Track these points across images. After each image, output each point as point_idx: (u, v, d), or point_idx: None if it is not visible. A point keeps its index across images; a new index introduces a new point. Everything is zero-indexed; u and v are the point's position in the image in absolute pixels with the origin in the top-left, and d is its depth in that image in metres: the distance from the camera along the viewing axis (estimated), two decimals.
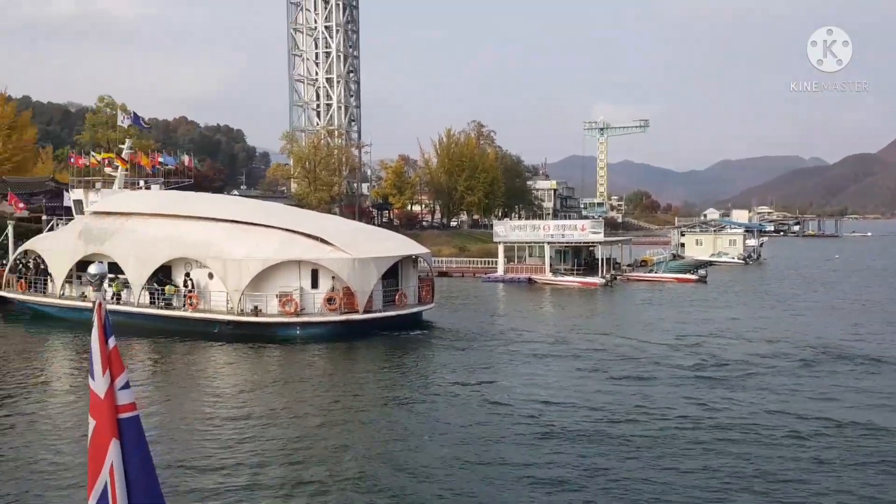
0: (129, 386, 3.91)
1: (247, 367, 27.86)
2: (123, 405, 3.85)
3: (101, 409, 3.84)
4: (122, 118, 49.40)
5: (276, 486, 14.84)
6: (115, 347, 3.89)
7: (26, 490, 14.77)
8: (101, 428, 3.83)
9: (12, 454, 17.04)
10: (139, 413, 3.92)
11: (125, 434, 3.81)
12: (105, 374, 3.84)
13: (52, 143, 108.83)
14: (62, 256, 37.90)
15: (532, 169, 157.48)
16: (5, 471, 15.87)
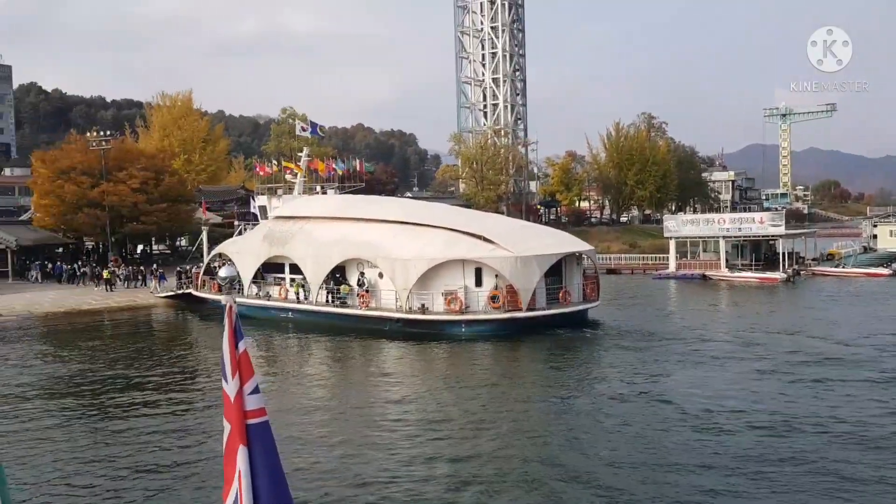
0: (258, 391, 3.83)
1: (416, 364, 28.72)
2: (252, 410, 3.78)
3: (232, 414, 3.79)
4: (300, 128, 52.54)
5: (443, 483, 15.04)
6: (244, 351, 3.83)
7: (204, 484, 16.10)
8: (233, 432, 3.79)
9: (196, 450, 18.60)
10: (268, 419, 3.84)
11: (253, 440, 3.74)
12: (235, 378, 3.79)
13: (244, 153, 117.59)
14: (249, 259, 40.86)
15: (707, 160, 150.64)
16: (197, 461, 17.36)
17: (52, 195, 57.12)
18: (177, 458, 17.03)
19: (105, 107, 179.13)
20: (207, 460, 16.50)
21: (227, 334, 3.82)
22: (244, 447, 3.73)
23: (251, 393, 3.80)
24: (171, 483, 15.49)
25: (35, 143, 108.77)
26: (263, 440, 3.76)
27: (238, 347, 3.82)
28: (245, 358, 3.81)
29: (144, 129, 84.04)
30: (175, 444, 18.19)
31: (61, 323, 40.32)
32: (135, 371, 27.24)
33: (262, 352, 32.32)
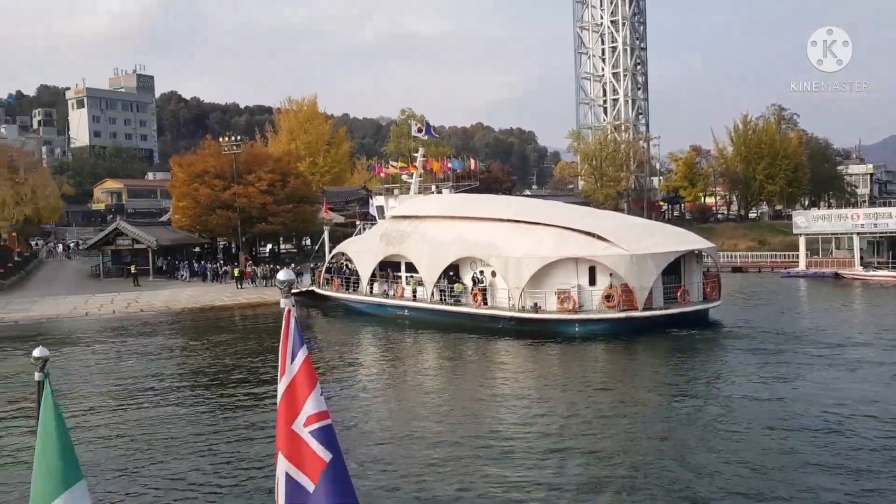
0: (321, 395, 3.80)
1: (529, 363, 28.59)
2: (321, 413, 3.76)
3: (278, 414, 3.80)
4: (415, 129, 53.52)
5: (571, 486, 14.93)
6: (308, 356, 3.78)
7: None
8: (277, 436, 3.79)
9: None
10: (330, 423, 3.79)
11: (325, 443, 3.71)
12: (282, 380, 3.78)
13: (366, 154, 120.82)
14: (367, 257, 42.05)
15: (843, 153, 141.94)
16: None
17: (188, 198, 60.77)
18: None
19: (239, 113, 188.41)
20: None
21: (283, 338, 3.79)
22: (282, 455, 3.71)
23: (313, 398, 3.75)
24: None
25: (175, 149, 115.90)
26: (325, 443, 3.71)
27: (298, 354, 3.77)
28: (307, 363, 3.78)
29: (273, 134, 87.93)
30: None
31: (195, 318, 42.86)
32: (258, 364, 28.64)
33: (380, 349, 33.32)
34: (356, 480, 14.94)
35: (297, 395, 3.74)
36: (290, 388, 3.75)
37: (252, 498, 14.64)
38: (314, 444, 3.68)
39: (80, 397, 23.87)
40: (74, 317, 42.75)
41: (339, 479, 3.70)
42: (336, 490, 3.67)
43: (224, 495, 14.93)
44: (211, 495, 14.93)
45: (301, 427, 3.71)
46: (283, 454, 3.70)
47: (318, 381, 3.78)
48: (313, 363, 3.80)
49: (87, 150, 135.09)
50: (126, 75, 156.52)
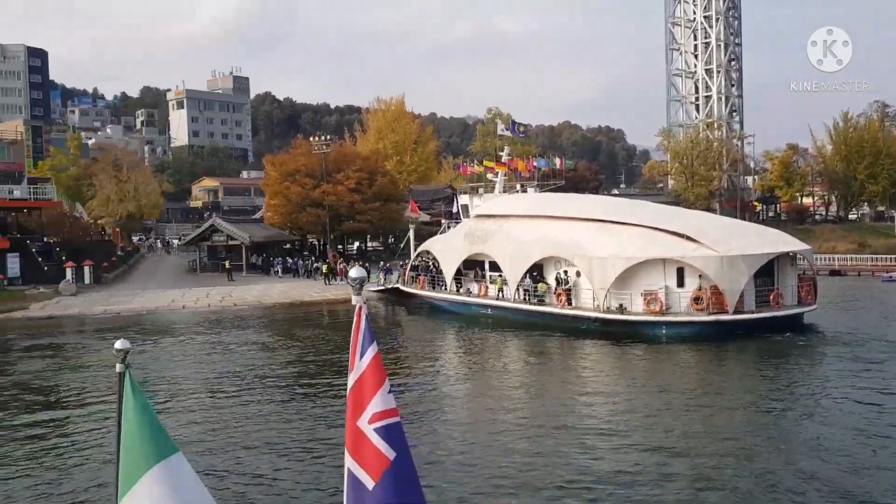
0: (388, 392, 3.77)
1: (614, 365, 28.23)
2: (387, 410, 3.73)
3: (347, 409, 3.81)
4: (500, 128, 53.53)
5: (669, 490, 14.76)
6: (377, 354, 3.77)
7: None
8: (360, 434, 3.77)
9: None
10: (398, 421, 3.78)
11: (391, 441, 3.68)
12: (351, 374, 3.78)
13: (453, 153, 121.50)
14: (451, 256, 42.34)
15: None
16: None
17: (280, 196, 62.62)
18: None
19: (329, 113, 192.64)
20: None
21: (354, 335, 3.79)
22: (347, 452, 3.73)
23: (382, 394, 3.72)
24: None
25: (269, 149, 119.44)
26: (394, 440, 3.69)
27: (368, 351, 3.76)
28: (376, 360, 3.75)
29: (361, 133, 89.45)
30: None
31: (285, 313, 44.09)
32: (344, 359, 29.26)
33: (463, 346, 33.54)
34: (438, 472, 15.21)
35: (364, 392, 3.72)
36: (358, 384, 3.73)
37: (329, 493, 15.03)
38: (378, 442, 3.65)
39: (174, 385, 24.97)
40: (173, 310, 44.64)
41: (403, 479, 3.65)
42: (398, 489, 3.62)
43: (303, 488, 15.37)
44: (289, 485, 15.39)
45: (366, 424, 3.68)
46: (347, 450, 3.70)
47: (387, 378, 3.75)
48: (383, 361, 3.80)
49: (186, 150, 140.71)
50: (223, 77, 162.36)
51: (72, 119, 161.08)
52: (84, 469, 16.70)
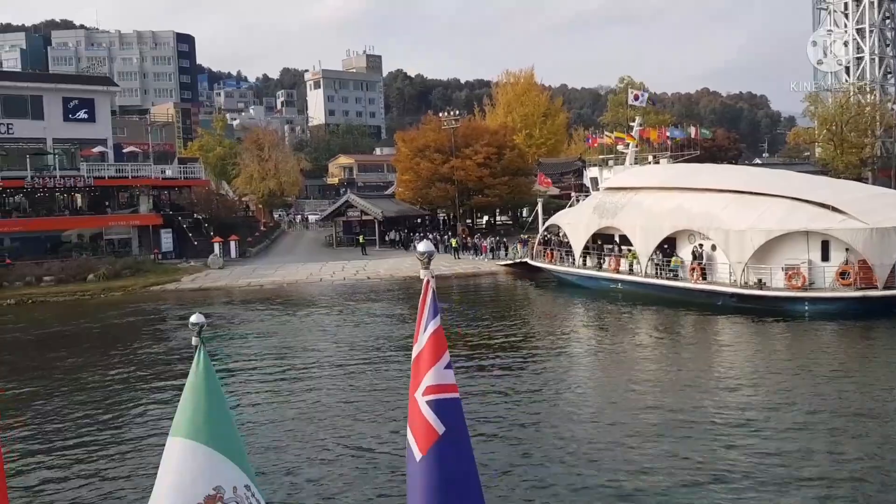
0: (451, 367, 3.76)
1: (753, 344, 27.02)
2: (442, 385, 3.71)
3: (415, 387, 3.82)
4: (632, 97, 52.09)
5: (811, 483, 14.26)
6: (439, 327, 3.77)
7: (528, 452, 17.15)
8: (415, 405, 3.79)
9: (535, 409, 19.86)
10: (455, 396, 3.75)
11: (442, 416, 3.67)
12: (415, 345, 3.79)
13: (583, 125, 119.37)
14: (579, 230, 41.83)
15: None
16: (531, 422, 18.62)
17: (410, 171, 63.82)
18: (506, 415, 18.44)
19: (459, 88, 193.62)
20: (542, 419, 17.60)
21: (420, 308, 3.78)
22: (408, 420, 3.78)
23: (444, 368, 3.72)
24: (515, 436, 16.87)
25: (401, 125, 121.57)
26: (453, 416, 3.68)
27: (430, 325, 3.76)
28: (439, 333, 3.75)
29: (490, 107, 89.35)
30: (519, 402, 19.67)
31: (416, 286, 45.01)
32: (470, 332, 29.65)
33: (591, 321, 33.22)
34: (561, 445, 15.18)
35: (422, 365, 3.73)
36: (418, 357, 3.76)
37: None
38: (429, 415, 3.64)
39: (315, 353, 26.17)
40: (311, 282, 46.63)
41: (451, 455, 3.62)
42: (444, 465, 3.59)
43: None
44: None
45: (420, 396, 3.69)
46: (408, 419, 3.76)
47: (447, 353, 3.74)
48: (445, 335, 3.79)
49: (323, 128, 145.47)
50: (357, 56, 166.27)
51: (217, 101, 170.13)
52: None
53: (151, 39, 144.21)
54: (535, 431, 17.18)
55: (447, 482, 3.58)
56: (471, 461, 3.70)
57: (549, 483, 14.09)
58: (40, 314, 38.24)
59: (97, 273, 46.80)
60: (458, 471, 3.62)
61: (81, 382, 23.63)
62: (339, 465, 15.27)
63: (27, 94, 55.93)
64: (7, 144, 53.68)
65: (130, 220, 55.68)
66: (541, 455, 15.53)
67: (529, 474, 14.51)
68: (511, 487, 14.02)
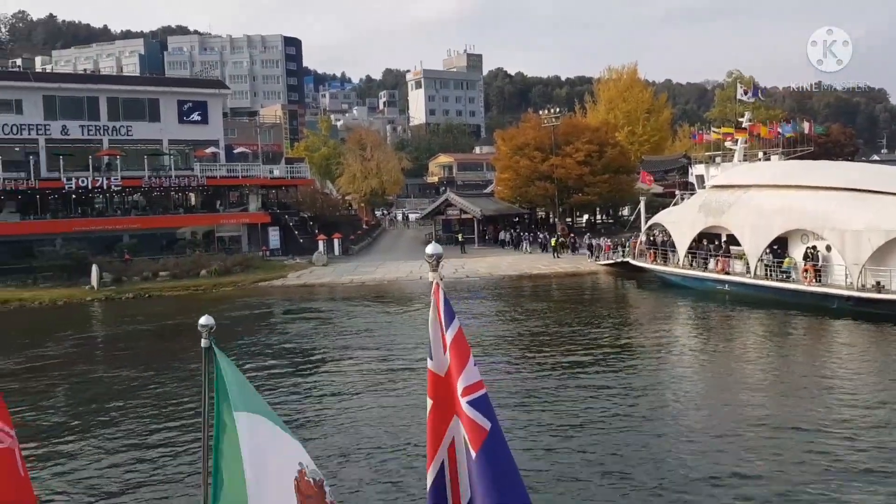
0: (474, 365, 3.83)
1: (870, 351, 25.45)
2: (475, 384, 3.78)
3: (437, 390, 3.87)
4: (741, 92, 50.22)
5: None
6: (459, 330, 3.84)
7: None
8: (438, 406, 3.87)
9: (635, 411, 19.50)
10: (485, 392, 3.81)
11: (484, 412, 3.75)
12: (445, 355, 3.84)
13: (689, 121, 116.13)
14: (684, 229, 40.69)
15: None
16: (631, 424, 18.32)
17: (510, 169, 63.73)
18: (620, 411, 18.20)
19: (560, 85, 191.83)
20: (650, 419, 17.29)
21: (434, 312, 3.85)
22: (457, 419, 3.80)
23: (467, 369, 3.79)
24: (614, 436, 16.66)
25: (500, 123, 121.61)
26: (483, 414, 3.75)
27: (449, 325, 3.83)
28: (459, 335, 3.81)
29: (592, 104, 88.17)
30: (617, 400, 19.40)
31: (514, 285, 44.98)
32: (572, 332, 29.35)
33: (696, 323, 32.28)
34: (681, 447, 14.81)
35: (454, 367, 3.79)
36: (449, 359, 3.82)
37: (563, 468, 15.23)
38: (473, 415, 3.71)
39: (414, 350, 26.52)
40: (411, 280, 47.22)
41: (499, 448, 3.72)
42: (495, 459, 3.70)
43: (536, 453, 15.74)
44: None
45: (459, 398, 3.76)
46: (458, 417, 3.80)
47: (471, 352, 3.82)
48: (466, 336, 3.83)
49: (424, 127, 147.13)
50: (457, 55, 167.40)
51: (322, 102, 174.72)
52: (343, 425, 18.36)
53: (261, 43, 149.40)
54: (639, 433, 16.85)
55: (500, 475, 3.68)
56: (509, 451, 3.82)
57: (660, 486, 13.82)
58: (157, 308, 40.26)
59: (209, 269, 48.86)
60: (507, 460, 3.75)
61: (193, 370, 24.80)
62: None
63: (145, 97, 59.02)
64: (127, 146, 56.73)
65: (240, 219, 57.93)
66: (653, 454, 15.25)
67: (646, 476, 14.28)
68: (623, 492, 13.83)
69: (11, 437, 4.42)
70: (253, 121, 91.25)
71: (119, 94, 58.30)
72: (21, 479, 4.47)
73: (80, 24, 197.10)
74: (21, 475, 4.47)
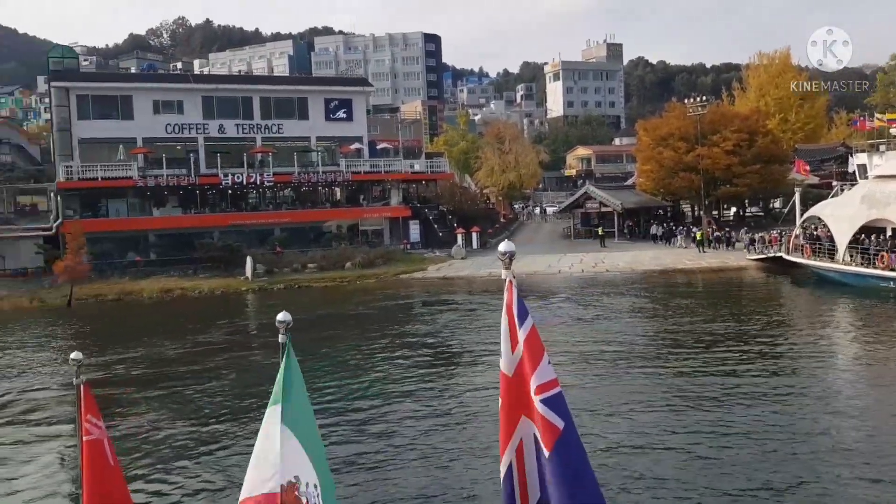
0: (550, 363, 3.78)
1: None
2: (549, 382, 3.74)
3: (507, 388, 3.84)
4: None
5: None
6: (532, 327, 3.78)
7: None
8: (507, 407, 3.84)
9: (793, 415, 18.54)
10: (560, 390, 3.73)
11: (557, 411, 3.70)
12: (514, 353, 3.80)
13: (846, 107, 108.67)
14: (844, 222, 38.14)
15: None
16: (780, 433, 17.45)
17: (652, 161, 61.96)
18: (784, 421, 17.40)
19: (704, 73, 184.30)
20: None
21: (506, 310, 3.81)
22: (526, 419, 3.76)
23: (540, 368, 3.75)
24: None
25: (641, 114, 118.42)
26: (556, 413, 3.71)
27: (522, 323, 3.79)
28: (532, 334, 3.77)
29: (741, 91, 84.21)
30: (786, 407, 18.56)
31: (656, 280, 43.73)
32: (720, 330, 28.18)
33: (857, 325, 30.16)
34: (836, 470, 14.06)
35: (527, 365, 3.76)
36: (522, 358, 3.79)
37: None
38: (547, 413, 3.69)
39: (559, 349, 26.35)
40: (549, 274, 46.93)
41: (574, 447, 3.70)
42: (570, 458, 3.68)
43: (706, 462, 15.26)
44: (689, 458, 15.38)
45: (532, 395, 3.74)
46: (526, 417, 3.79)
47: (545, 350, 3.78)
48: (539, 333, 3.78)
49: (561, 120, 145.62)
50: (597, 46, 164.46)
51: (460, 97, 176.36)
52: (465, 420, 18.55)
53: (402, 41, 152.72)
54: (790, 448, 15.98)
55: (573, 475, 3.67)
56: (584, 450, 3.78)
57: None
58: (305, 298, 42.10)
59: (353, 262, 50.56)
60: (581, 462, 3.72)
61: (346, 359, 25.76)
62: None
63: (295, 96, 61.73)
64: (278, 143, 59.56)
65: (383, 213, 59.53)
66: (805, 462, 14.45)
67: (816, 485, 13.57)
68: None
69: (100, 428, 4.57)
70: (394, 117, 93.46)
71: (271, 93, 61.34)
72: (111, 468, 4.59)
73: (233, 28, 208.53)
74: (111, 465, 4.58)
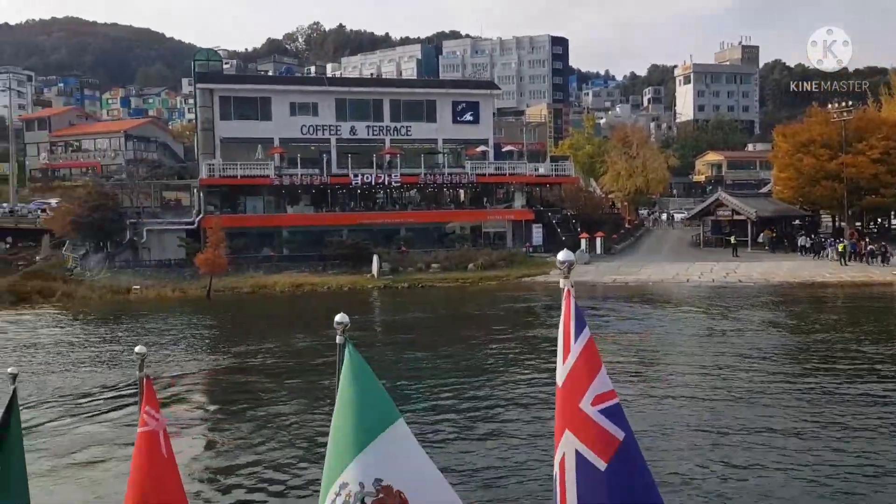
0: (606, 375, 3.73)
1: None
2: (607, 392, 3.68)
3: (557, 400, 3.78)
4: None
5: None
6: (590, 338, 3.74)
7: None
8: (557, 418, 3.78)
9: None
10: (618, 401, 3.67)
11: (616, 421, 3.65)
12: (565, 364, 3.74)
13: None
14: None
15: None
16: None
17: (790, 168, 59.11)
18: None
19: (847, 77, 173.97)
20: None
21: (563, 319, 3.77)
22: (569, 433, 3.71)
23: (595, 381, 3.70)
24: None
25: (776, 119, 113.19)
26: (611, 424, 3.67)
27: (579, 334, 3.73)
28: (589, 345, 3.73)
29: (888, 96, 79.11)
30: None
31: (792, 293, 41.66)
32: (863, 348, 26.57)
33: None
34: None
35: (583, 376, 3.71)
36: (575, 369, 3.73)
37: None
38: (605, 424, 3.66)
39: (680, 356, 25.61)
40: (677, 282, 45.68)
41: (633, 458, 3.66)
42: (629, 469, 3.65)
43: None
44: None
45: (589, 406, 3.68)
46: (570, 432, 3.72)
47: (602, 362, 3.75)
48: (596, 344, 3.73)
49: (691, 124, 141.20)
50: (731, 48, 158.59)
51: (585, 101, 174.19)
52: None
53: (528, 44, 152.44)
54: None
55: (634, 486, 3.64)
56: (645, 462, 3.73)
57: None
58: (428, 298, 42.76)
59: (476, 263, 50.95)
60: (643, 470, 3.69)
61: (472, 360, 26.03)
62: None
63: (423, 99, 62.82)
64: (405, 145, 60.77)
65: (506, 215, 59.67)
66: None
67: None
68: None
69: (157, 419, 4.63)
70: (519, 120, 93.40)
71: (401, 96, 62.70)
72: (165, 460, 4.64)
73: (364, 33, 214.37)
74: (164, 457, 4.63)
